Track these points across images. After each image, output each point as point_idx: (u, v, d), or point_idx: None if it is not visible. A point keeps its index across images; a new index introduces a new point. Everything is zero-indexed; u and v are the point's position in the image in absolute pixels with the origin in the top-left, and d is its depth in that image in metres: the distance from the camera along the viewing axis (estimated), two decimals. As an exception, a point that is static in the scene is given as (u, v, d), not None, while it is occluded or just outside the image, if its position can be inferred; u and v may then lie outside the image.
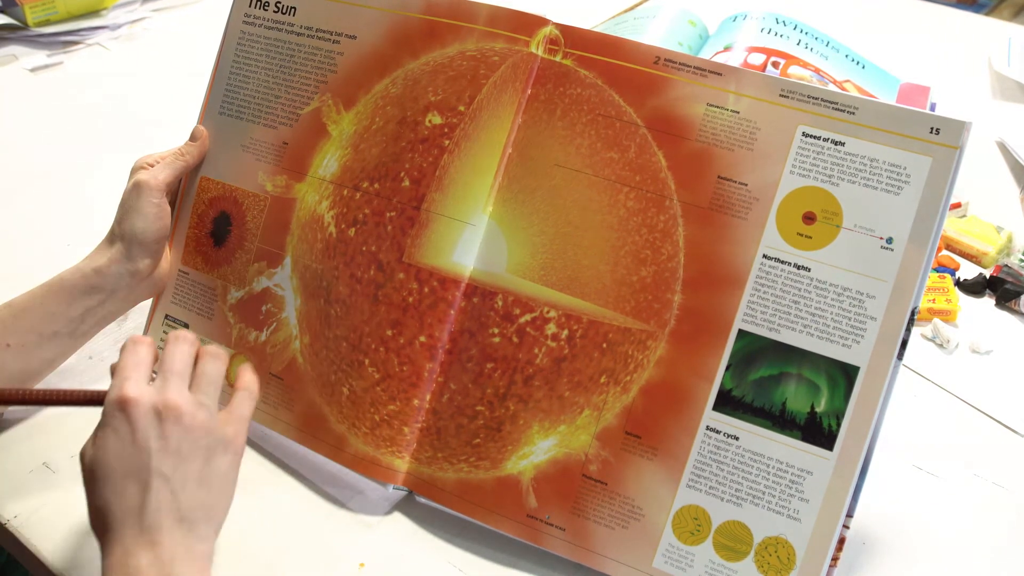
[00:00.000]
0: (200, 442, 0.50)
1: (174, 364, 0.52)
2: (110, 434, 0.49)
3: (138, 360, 0.51)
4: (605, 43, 0.61)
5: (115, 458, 0.49)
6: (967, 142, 0.53)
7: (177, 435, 0.49)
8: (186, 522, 0.49)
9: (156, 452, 0.49)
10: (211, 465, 0.50)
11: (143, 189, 0.66)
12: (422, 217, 0.63)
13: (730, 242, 0.57)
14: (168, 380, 0.51)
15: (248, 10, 0.71)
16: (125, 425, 0.49)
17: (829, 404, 0.55)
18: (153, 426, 0.49)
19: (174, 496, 0.48)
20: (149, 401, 0.49)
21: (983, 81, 1.17)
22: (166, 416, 0.49)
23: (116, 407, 0.49)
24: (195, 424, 0.50)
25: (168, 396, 0.50)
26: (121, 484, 0.48)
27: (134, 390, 0.49)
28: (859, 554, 0.61)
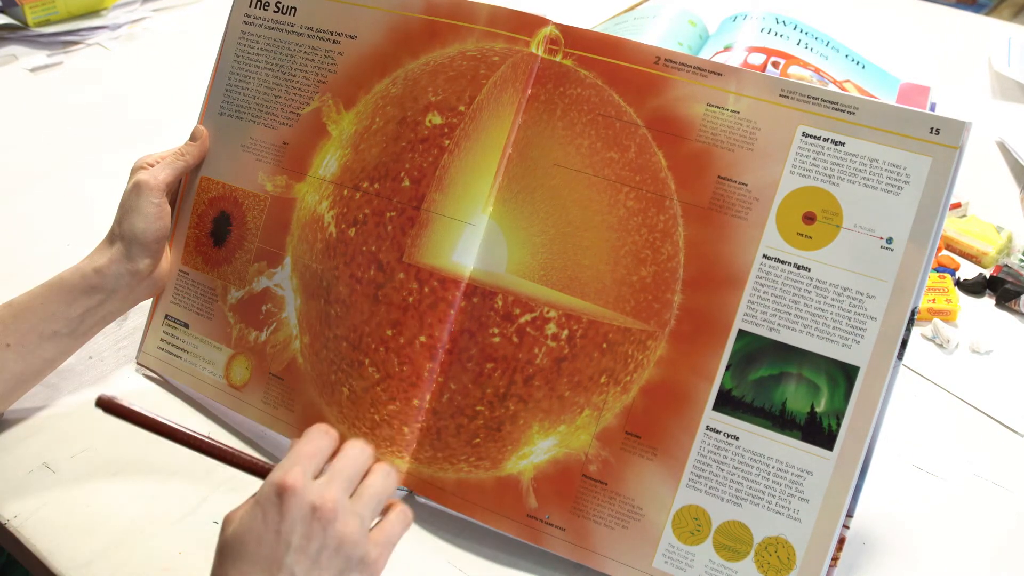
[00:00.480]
0: (341, 553, 0.48)
1: (345, 468, 0.50)
2: (258, 514, 0.48)
3: (314, 450, 0.50)
4: (605, 43, 0.61)
5: (254, 540, 0.47)
6: (967, 142, 0.53)
7: (321, 540, 0.47)
8: None
9: (295, 550, 0.47)
10: None
11: (143, 189, 0.66)
12: (422, 217, 0.63)
13: (730, 242, 0.57)
14: (333, 481, 0.49)
15: (248, 10, 0.71)
16: (275, 512, 0.47)
17: (829, 404, 0.54)
18: (302, 523, 0.47)
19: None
20: (307, 496, 0.47)
21: (983, 81, 1.17)
22: (318, 517, 0.47)
23: (274, 490, 0.48)
24: (343, 534, 0.48)
25: (327, 496, 0.48)
26: (251, 570, 0.47)
27: (298, 480, 0.48)
28: (859, 554, 0.61)
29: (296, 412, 0.65)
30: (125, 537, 0.60)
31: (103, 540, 0.59)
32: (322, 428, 0.51)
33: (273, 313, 0.67)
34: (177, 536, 0.60)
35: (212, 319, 0.69)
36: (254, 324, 0.67)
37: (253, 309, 0.68)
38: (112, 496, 0.62)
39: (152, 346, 0.72)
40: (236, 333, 0.68)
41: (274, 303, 0.67)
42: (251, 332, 0.68)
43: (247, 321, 0.68)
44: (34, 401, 0.68)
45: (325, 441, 0.51)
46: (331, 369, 0.64)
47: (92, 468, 0.64)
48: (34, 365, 0.65)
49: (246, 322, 0.68)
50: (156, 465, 0.65)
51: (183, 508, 0.62)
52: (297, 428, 0.65)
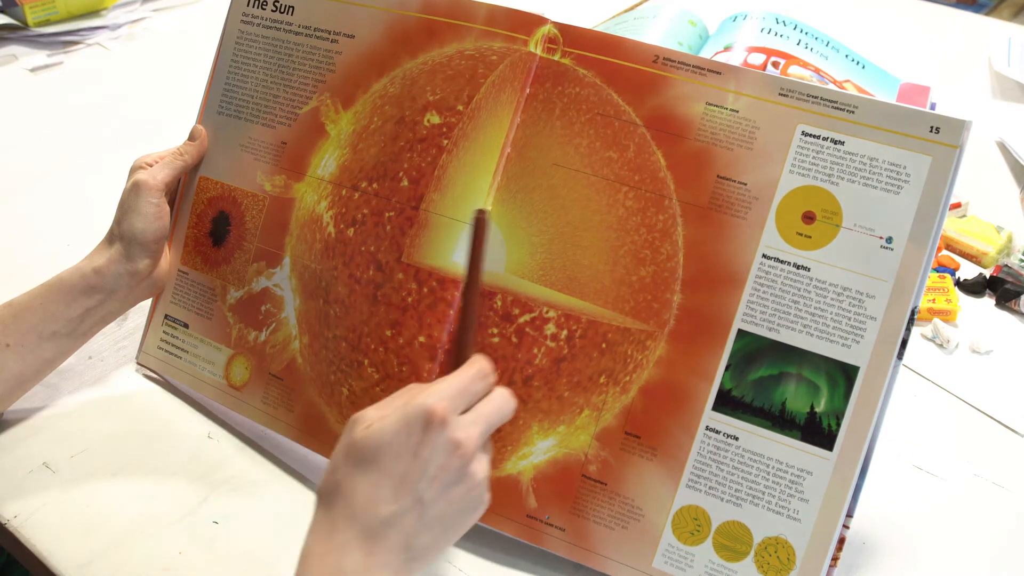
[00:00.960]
0: (468, 494, 0.49)
1: (492, 415, 0.50)
2: (402, 430, 0.47)
3: (469, 389, 0.50)
4: (604, 42, 0.61)
5: (391, 454, 0.47)
6: (967, 141, 0.53)
7: (455, 475, 0.48)
8: (409, 553, 0.47)
9: (430, 478, 0.47)
10: (462, 517, 0.49)
11: (142, 189, 0.66)
12: (421, 217, 0.62)
13: (729, 242, 0.57)
14: (479, 424, 0.49)
15: (246, 9, 0.71)
16: (420, 434, 0.47)
17: (829, 404, 0.54)
18: (443, 454, 0.47)
19: (417, 525, 0.47)
20: (454, 431, 0.48)
21: (983, 81, 1.17)
22: (458, 453, 0.48)
23: (422, 413, 0.48)
24: (475, 475, 0.49)
25: (471, 436, 0.48)
26: (381, 481, 0.47)
27: (448, 412, 0.48)
28: (859, 554, 0.61)
29: (296, 412, 0.65)
30: (125, 537, 0.60)
31: (103, 540, 0.59)
32: (484, 371, 0.52)
33: (272, 313, 0.67)
34: (177, 536, 0.60)
35: (211, 319, 0.69)
36: (253, 324, 0.67)
37: (252, 309, 0.68)
38: (112, 496, 0.62)
39: (152, 346, 0.72)
40: (236, 333, 0.68)
41: (273, 303, 0.67)
42: (250, 332, 0.67)
43: (246, 321, 0.68)
44: (34, 401, 0.68)
45: (480, 385, 0.51)
46: (330, 369, 0.64)
47: (92, 468, 0.64)
48: (34, 365, 0.65)
49: (245, 322, 0.68)
50: (156, 465, 0.65)
51: (183, 508, 0.62)
52: (296, 428, 0.65)
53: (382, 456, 0.47)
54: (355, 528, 0.47)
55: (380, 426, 0.48)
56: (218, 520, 0.61)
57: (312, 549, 0.47)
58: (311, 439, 0.64)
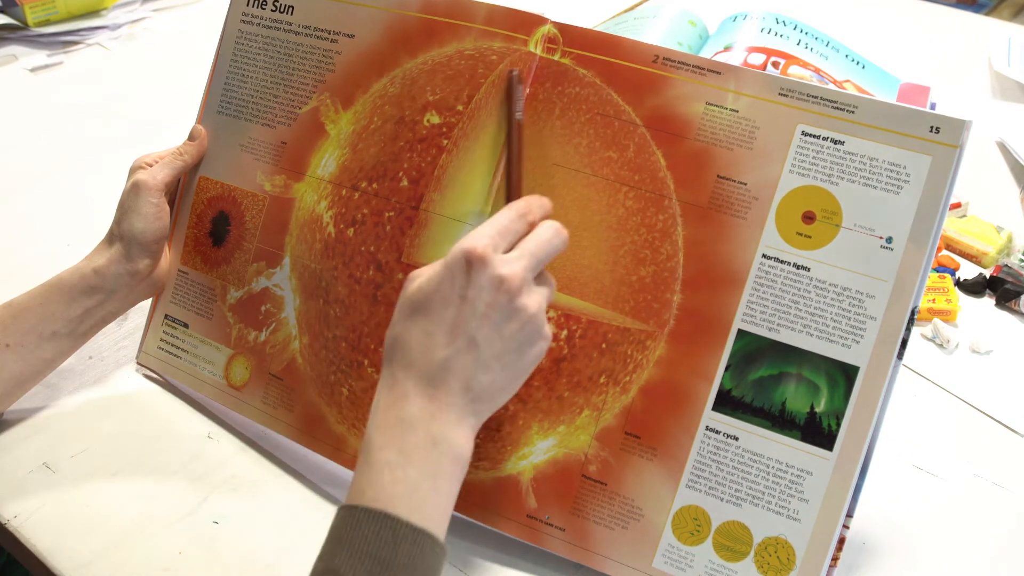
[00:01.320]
0: (524, 328, 0.49)
1: (538, 249, 0.51)
2: (445, 277, 0.49)
3: (508, 227, 0.51)
4: (603, 42, 0.60)
5: (440, 301, 0.49)
6: (967, 141, 0.53)
7: (505, 310, 0.49)
8: (471, 393, 0.49)
9: (479, 316, 0.48)
10: (520, 353, 0.50)
11: (142, 189, 0.66)
12: (421, 217, 0.62)
13: (729, 242, 0.57)
14: (523, 258, 0.50)
15: (246, 9, 0.71)
16: (463, 277, 0.48)
17: (829, 404, 0.54)
18: (488, 291, 0.48)
19: (474, 365, 0.49)
20: (496, 267, 0.49)
21: (983, 81, 1.17)
22: (505, 288, 0.49)
23: (463, 256, 0.49)
24: (526, 308, 0.49)
25: (515, 271, 0.49)
26: (433, 328, 0.49)
27: (488, 250, 0.49)
28: (859, 554, 0.61)
29: (296, 412, 0.65)
30: (125, 537, 0.60)
31: (103, 540, 0.59)
32: (521, 210, 0.52)
33: (272, 313, 0.67)
34: (177, 536, 0.60)
35: (211, 319, 0.69)
36: (253, 324, 0.67)
37: (252, 309, 0.68)
38: (112, 496, 0.62)
39: (152, 346, 0.72)
40: (235, 333, 0.68)
41: (273, 303, 0.67)
42: (250, 332, 0.67)
43: (246, 321, 0.68)
44: (34, 401, 0.68)
45: (520, 224, 0.52)
46: (330, 369, 0.64)
47: (92, 468, 0.64)
48: (34, 365, 0.65)
49: (245, 322, 0.68)
50: (156, 465, 0.65)
51: (183, 508, 0.62)
52: (296, 428, 0.65)
53: (431, 304, 0.49)
54: (414, 376, 0.48)
55: (427, 276, 0.50)
56: (218, 520, 0.61)
57: (378, 404, 0.49)
58: (311, 439, 0.64)
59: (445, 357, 0.48)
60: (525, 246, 0.51)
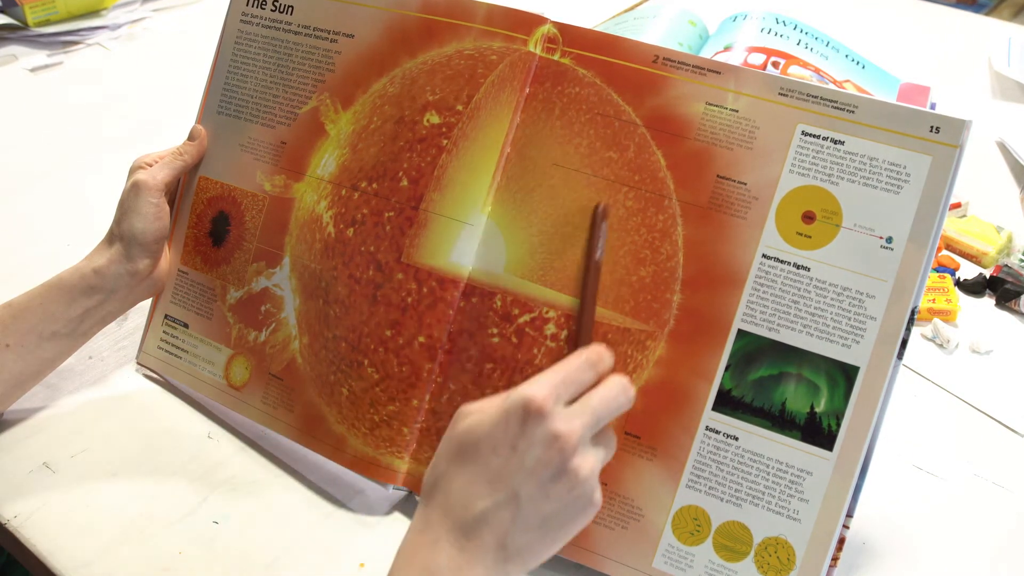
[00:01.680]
0: (571, 492, 0.46)
1: (601, 407, 0.47)
2: (500, 422, 0.46)
3: (575, 377, 0.48)
4: (603, 42, 0.60)
5: (488, 448, 0.46)
6: (967, 141, 0.53)
7: (555, 469, 0.45)
8: (504, 551, 0.45)
9: (527, 472, 0.45)
10: (563, 516, 0.46)
11: (142, 189, 0.66)
12: (420, 217, 0.62)
13: (729, 242, 0.57)
14: (584, 415, 0.46)
15: (246, 9, 0.71)
16: (517, 427, 0.45)
17: (829, 404, 0.54)
18: (540, 446, 0.45)
19: (512, 523, 0.45)
20: (554, 422, 0.45)
21: (983, 81, 1.17)
22: (558, 446, 0.45)
23: (522, 405, 0.45)
24: (578, 471, 0.46)
25: (573, 428, 0.45)
26: (476, 474, 0.46)
27: (548, 401, 0.46)
28: (859, 554, 0.61)
29: (296, 412, 0.65)
30: (125, 537, 0.60)
31: (103, 540, 0.59)
32: (593, 359, 0.49)
33: (272, 313, 0.67)
34: (177, 536, 0.60)
35: (211, 319, 0.69)
36: (253, 324, 0.67)
37: (252, 309, 0.68)
38: (112, 496, 0.62)
39: (152, 346, 0.72)
40: (235, 333, 0.68)
41: (273, 303, 0.67)
42: (250, 332, 0.67)
43: (246, 321, 0.68)
44: (34, 401, 0.68)
45: (588, 375, 0.48)
46: (330, 370, 0.64)
47: (92, 468, 0.64)
48: (33, 365, 0.65)
49: (245, 322, 0.68)
50: (156, 465, 0.65)
51: (183, 508, 0.62)
52: (296, 428, 0.65)
53: (480, 449, 0.46)
54: (448, 523, 0.46)
55: (479, 418, 0.46)
56: (218, 520, 0.61)
57: (406, 544, 0.46)
58: (311, 439, 0.64)
59: (484, 509, 0.45)
60: (588, 402, 0.47)
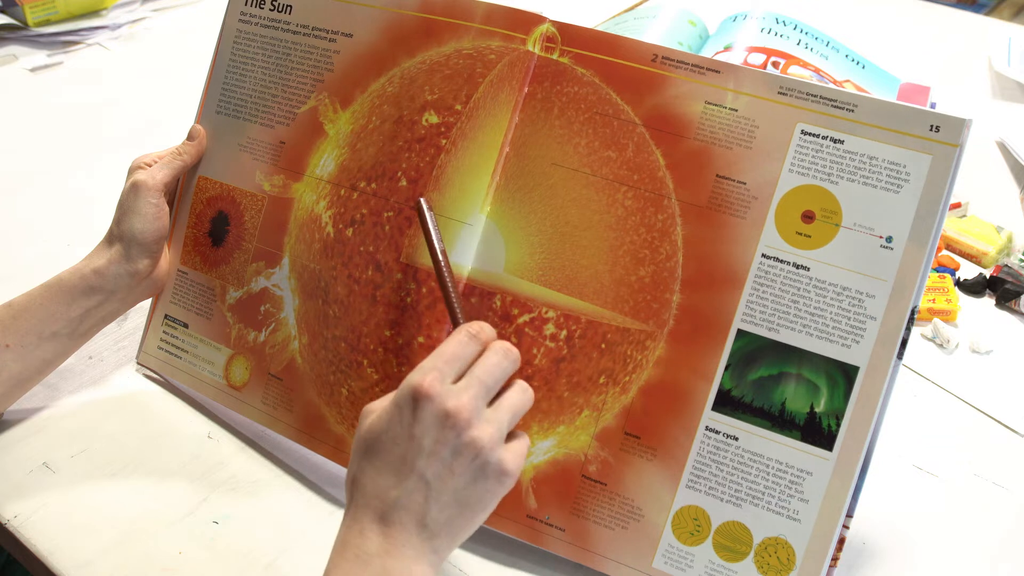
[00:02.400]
0: (475, 460, 0.48)
1: (486, 375, 0.50)
2: (395, 414, 0.48)
3: (455, 355, 0.50)
4: (602, 41, 0.60)
5: (388, 440, 0.48)
6: (967, 140, 0.53)
7: (453, 445, 0.47)
8: (427, 531, 0.48)
9: (426, 455, 0.47)
10: (475, 486, 0.48)
11: (141, 189, 0.66)
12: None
13: (729, 241, 0.57)
14: (471, 387, 0.49)
15: (244, 8, 0.71)
16: (409, 414, 0.48)
17: (829, 404, 0.54)
18: (434, 428, 0.47)
19: (426, 502, 0.47)
20: (442, 401, 0.48)
21: (983, 81, 1.17)
22: (451, 424, 0.47)
23: (410, 393, 0.48)
24: (477, 440, 0.48)
25: (462, 403, 0.48)
26: (382, 466, 0.48)
27: (434, 384, 0.48)
28: (859, 554, 0.61)
29: (295, 412, 0.65)
30: (125, 537, 0.60)
31: (103, 540, 0.59)
32: (472, 331, 0.51)
33: (272, 313, 0.67)
34: (177, 536, 0.60)
35: (211, 319, 0.69)
36: (253, 324, 0.67)
37: (251, 309, 0.68)
38: (112, 496, 0.62)
39: (152, 346, 0.72)
40: (235, 333, 0.68)
41: (272, 303, 0.67)
42: (250, 332, 0.67)
43: (246, 321, 0.68)
44: (34, 401, 0.68)
45: (470, 348, 0.50)
46: (330, 370, 0.64)
47: (92, 468, 0.64)
48: (33, 365, 0.65)
49: (245, 322, 0.68)
50: (156, 465, 0.65)
51: (183, 508, 0.62)
52: (296, 428, 0.65)
53: (381, 443, 0.48)
54: (369, 514, 0.48)
55: (378, 414, 0.49)
56: (218, 520, 0.61)
57: (339, 539, 0.49)
58: (311, 439, 0.64)
59: (396, 497, 0.48)
60: (473, 373, 0.49)
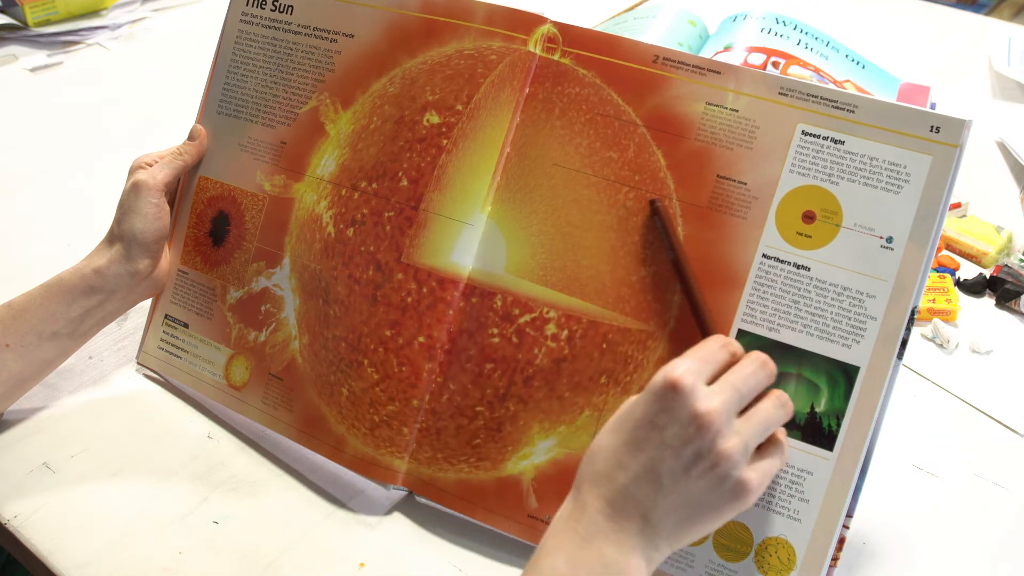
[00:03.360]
0: (715, 469, 0.46)
1: (740, 383, 0.49)
2: (646, 400, 0.47)
3: (712, 357, 0.49)
4: (603, 42, 0.60)
5: (632, 423, 0.48)
6: (967, 141, 0.53)
7: (696, 448, 0.46)
8: (649, 526, 0.47)
9: (665, 446, 0.46)
10: (709, 495, 0.47)
11: (142, 189, 0.66)
12: (420, 217, 0.62)
13: (729, 241, 0.57)
14: (724, 392, 0.47)
15: (246, 8, 0.71)
16: (658, 404, 0.47)
17: (829, 404, 0.54)
18: (680, 424, 0.46)
19: (654, 496, 0.47)
20: (693, 400, 0.46)
21: (983, 81, 1.17)
22: (699, 424, 0.46)
23: (662, 383, 0.47)
24: (722, 449, 0.46)
25: (713, 405, 0.46)
26: (620, 443, 0.48)
27: (687, 379, 0.47)
28: (859, 554, 0.61)
29: (296, 412, 0.65)
30: (125, 537, 0.60)
31: (103, 540, 0.59)
32: (723, 341, 0.51)
33: (272, 313, 0.67)
34: (177, 536, 0.60)
35: (211, 319, 0.69)
36: (253, 324, 0.67)
37: (252, 309, 0.68)
38: (112, 496, 0.62)
39: (152, 346, 0.72)
40: (235, 333, 0.68)
41: (273, 303, 0.67)
42: (250, 332, 0.67)
43: (246, 321, 0.68)
44: (34, 401, 0.68)
45: (722, 353, 0.50)
46: (330, 370, 0.64)
47: (92, 468, 0.64)
48: (34, 365, 0.65)
49: (245, 322, 0.68)
50: (156, 465, 0.65)
51: (183, 508, 0.62)
52: (296, 428, 0.65)
53: (625, 424, 0.48)
54: (596, 493, 0.48)
55: (634, 399, 0.49)
56: (218, 520, 0.61)
57: (562, 511, 0.49)
58: (311, 439, 0.64)
59: (624, 483, 0.47)
60: (728, 379, 0.48)
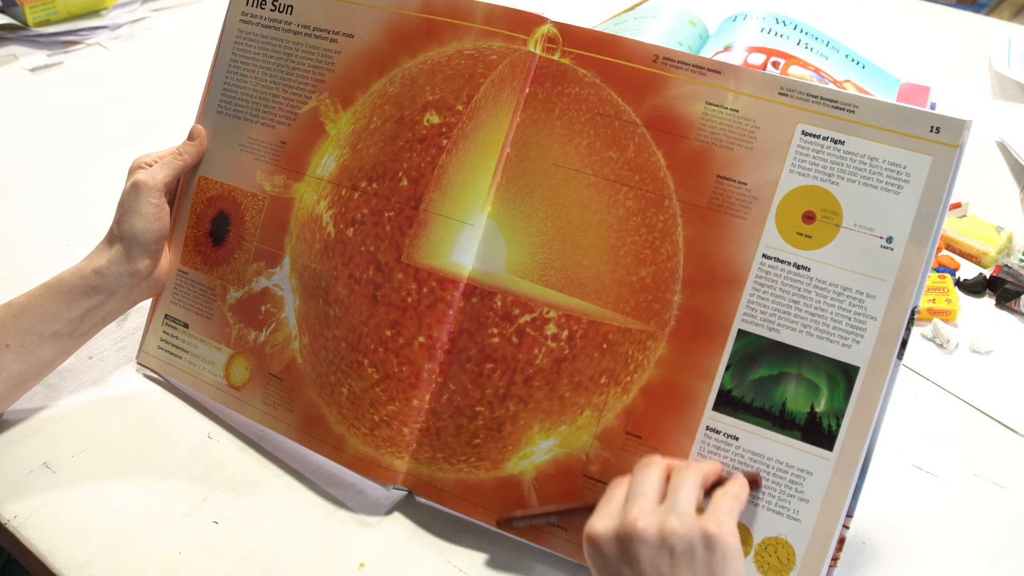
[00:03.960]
0: (678, 547, 0.49)
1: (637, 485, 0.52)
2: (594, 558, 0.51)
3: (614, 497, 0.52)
4: (603, 41, 0.60)
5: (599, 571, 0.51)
6: (967, 141, 0.53)
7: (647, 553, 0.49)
8: None
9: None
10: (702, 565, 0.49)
11: (141, 189, 0.66)
12: (420, 217, 0.62)
13: (729, 242, 0.57)
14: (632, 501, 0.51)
15: (245, 8, 0.71)
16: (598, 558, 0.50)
17: (829, 404, 0.54)
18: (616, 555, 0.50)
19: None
20: (610, 533, 0.50)
21: (983, 81, 1.17)
22: (627, 539, 0.49)
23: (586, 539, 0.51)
24: (665, 532, 0.49)
25: (627, 520, 0.50)
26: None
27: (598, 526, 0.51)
28: (859, 554, 0.61)
29: (296, 412, 0.65)
30: (125, 537, 0.60)
31: (103, 540, 0.59)
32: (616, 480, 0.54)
33: (272, 313, 0.67)
34: (177, 536, 0.60)
35: (211, 319, 0.69)
36: (253, 324, 0.67)
37: (252, 309, 0.68)
38: (112, 496, 0.62)
39: (152, 346, 0.72)
40: (235, 333, 0.68)
41: (273, 303, 0.67)
42: (250, 332, 0.67)
43: (246, 321, 0.68)
44: (34, 401, 0.68)
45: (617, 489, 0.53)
46: (330, 370, 0.64)
47: (92, 468, 0.64)
48: (34, 365, 0.65)
49: (245, 322, 0.68)
50: (156, 465, 0.65)
51: (183, 508, 0.62)
52: (296, 428, 0.65)
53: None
54: None
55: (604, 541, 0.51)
56: (218, 520, 0.61)
57: None
58: (311, 439, 0.64)
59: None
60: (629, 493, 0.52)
